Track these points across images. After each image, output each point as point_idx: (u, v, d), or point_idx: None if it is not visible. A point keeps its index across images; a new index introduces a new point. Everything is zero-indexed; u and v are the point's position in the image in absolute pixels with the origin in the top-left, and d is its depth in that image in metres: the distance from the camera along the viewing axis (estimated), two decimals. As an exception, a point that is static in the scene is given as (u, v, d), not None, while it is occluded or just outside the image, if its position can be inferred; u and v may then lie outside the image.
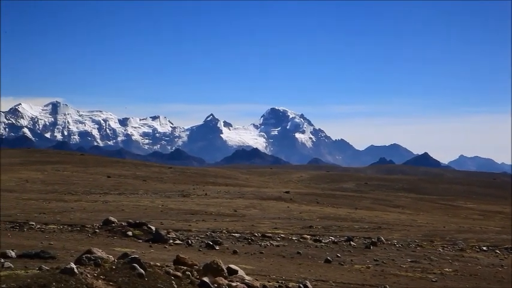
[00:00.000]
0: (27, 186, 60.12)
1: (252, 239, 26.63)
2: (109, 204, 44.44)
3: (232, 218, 38.69)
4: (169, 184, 69.77)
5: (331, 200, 60.34)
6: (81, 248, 18.20)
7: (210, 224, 33.74)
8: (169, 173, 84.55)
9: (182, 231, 28.01)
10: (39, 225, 27.12)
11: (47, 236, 23.36)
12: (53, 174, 72.36)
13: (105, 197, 51.54)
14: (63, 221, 29.99)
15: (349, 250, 24.70)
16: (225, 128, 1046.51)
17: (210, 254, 20.10)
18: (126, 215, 36.01)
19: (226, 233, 28.99)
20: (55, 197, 49.85)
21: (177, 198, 53.20)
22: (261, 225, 34.99)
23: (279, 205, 50.74)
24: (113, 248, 19.65)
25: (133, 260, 11.28)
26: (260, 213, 43.54)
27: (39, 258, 15.16)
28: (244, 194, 60.19)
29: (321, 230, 33.71)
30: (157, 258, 16.36)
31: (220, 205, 47.42)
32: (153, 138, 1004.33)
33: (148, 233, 24.21)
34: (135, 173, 79.04)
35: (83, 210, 39.03)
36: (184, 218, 37.26)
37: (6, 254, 15.33)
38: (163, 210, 41.81)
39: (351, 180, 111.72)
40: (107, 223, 26.01)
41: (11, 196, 48.88)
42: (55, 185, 62.09)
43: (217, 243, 23.49)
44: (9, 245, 18.59)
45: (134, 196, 54.13)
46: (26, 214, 33.84)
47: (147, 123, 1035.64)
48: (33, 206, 40.95)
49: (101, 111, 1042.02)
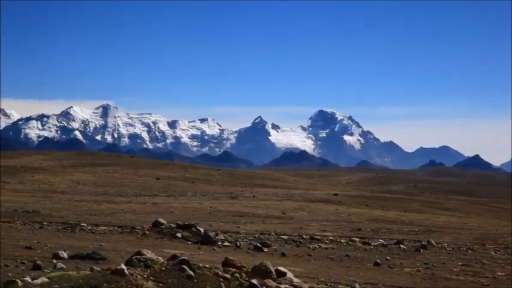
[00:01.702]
0: (78, 188, 61.07)
1: (300, 241, 26.56)
2: (158, 206, 44.84)
3: (280, 220, 38.66)
4: (218, 186, 70.05)
5: (380, 203, 59.81)
6: (131, 249, 18.39)
7: (259, 226, 33.77)
8: (218, 175, 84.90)
9: (231, 233, 28.09)
10: (90, 226, 27.49)
11: (98, 237, 23.67)
12: (103, 176, 73.34)
13: (154, 199, 52.01)
14: (113, 223, 30.34)
15: (398, 253, 24.46)
16: (273, 130, 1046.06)
17: (258, 256, 20.11)
18: (175, 216, 36.28)
19: (275, 235, 28.96)
20: (105, 199, 50.49)
21: (226, 200, 53.39)
22: (309, 227, 34.88)
23: (327, 207, 50.51)
24: (162, 249, 19.82)
25: (183, 262, 11.34)
26: (308, 215, 43.41)
27: (90, 259, 15.36)
28: (292, 196, 60.08)
29: (370, 233, 33.45)
30: (206, 260, 16.43)
31: (268, 207, 47.43)
32: (202, 141, 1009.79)
33: (197, 234, 24.34)
34: (184, 175, 79.58)
35: (132, 212, 39.46)
36: (233, 220, 37.37)
37: (59, 254, 15.59)
38: (211, 212, 42.00)
39: (400, 182, 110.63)
40: (157, 225, 26.23)
41: (63, 198, 49.72)
42: (105, 187, 62.93)
43: (266, 245, 23.49)
44: (61, 246, 18.90)
45: (183, 198, 54.50)
46: (77, 216, 34.35)
47: (195, 126, 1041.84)
48: (84, 207, 41.56)
49: (150, 113, 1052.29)
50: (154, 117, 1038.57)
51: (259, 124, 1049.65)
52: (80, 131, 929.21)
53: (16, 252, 16.95)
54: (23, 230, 24.67)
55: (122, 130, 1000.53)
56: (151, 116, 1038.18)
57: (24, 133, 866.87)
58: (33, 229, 25.21)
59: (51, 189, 58.77)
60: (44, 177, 68.42)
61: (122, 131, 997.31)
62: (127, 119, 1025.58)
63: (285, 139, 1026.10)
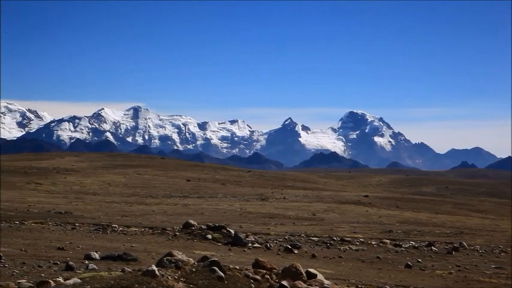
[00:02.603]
0: (110, 189, 61.56)
1: (330, 243, 26.48)
2: (189, 208, 45.02)
3: (310, 222, 38.59)
4: (248, 188, 70.15)
5: (411, 204, 59.42)
6: (162, 250, 18.49)
7: (289, 228, 33.74)
8: (248, 176, 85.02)
9: (261, 235, 28.09)
10: (121, 227, 27.68)
11: (129, 238, 23.83)
12: (134, 177, 73.84)
13: (184, 200, 52.24)
14: (144, 224, 30.53)
15: (430, 255, 24.26)
16: (303, 131, 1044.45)
17: (288, 258, 20.09)
18: (206, 218, 36.40)
19: (305, 236, 28.90)
20: (136, 200, 50.84)
21: (256, 202, 53.44)
22: (339, 229, 34.77)
23: (357, 209, 50.31)
24: (192, 250, 19.89)
25: (213, 263, 11.38)
26: (339, 217, 43.28)
27: (121, 260, 15.48)
28: (322, 197, 59.95)
29: (401, 235, 33.22)
30: (237, 262, 16.46)
31: (298, 209, 47.37)
32: (232, 142, 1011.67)
33: (227, 236, 24.38)
34: (214, 177, 79.82)
35: (163, 213, 39.67)
36: (263, 221, 37.39)
37: (91, 255, 15.72)
38: (242, 213, 42.07)
39: (432, 184, 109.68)
40: (187, 226, 26.34)
41: (95, 199, 50.16)
42: (136, 188, 63.36)
43: (296, 246, 23.46)
44: (93, 247, 19.07)
45: (213, 199, 54.66)
46: (109, 217, 34.63)
47: (225, 127, 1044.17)
48: (115, 208, 41.88)
49: (180, 115, 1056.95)
50: (185, 118, 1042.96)
51: (290, 125, 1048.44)
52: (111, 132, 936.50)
53: (49, 253, 17.14)
54: (55, 231, 24.93)
55: (153, 132, 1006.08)
56: (182, 118, 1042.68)
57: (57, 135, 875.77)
58: (65, 230, 25.46)
59: (83, 190, 59.33)
60: (76, 178, 69.11)
61: (153, 133, 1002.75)
62: (158, 121, 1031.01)
63: (315, 140, 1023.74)
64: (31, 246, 18.51)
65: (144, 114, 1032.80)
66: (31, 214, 32.84)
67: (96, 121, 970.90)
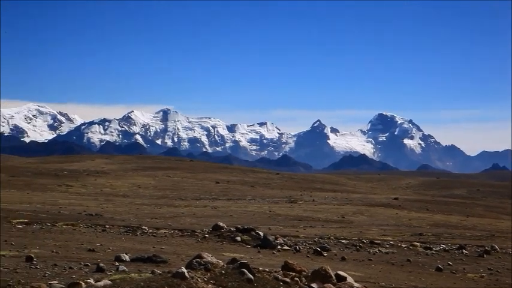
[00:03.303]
0: (139, 191, 61.95)
1: (360, 245, 26.34)
2: (218, 210, 45.12)
3: (340, 224, 38.46)
4: (277, 190, 70.12)
5: (442, 207, 58.92)
6: (191, 252, 18.54)
7: (318, 230, 33.65)
8: (277, 179, 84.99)
9: (290, 237, 28.04)
10: (151, 229, 27.80)
11: (159, 240, 23.93)
12: (164, 180, 74.21)
13: (214, 203, 52.36)
14: (174, 226, 30.65)
15: (461, 258, 24.03)
16: (332, 133, 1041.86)
17: (318, 260, 20.03)
18: (235, 220, 36.45)
19: (334, 239, 28.79)
20: (166, 202, 51.07)
21: (285, 204, 53.39)
22: (369, 231, 34.59)
23: (387, 212, 50.03)
24: (222, 253, 19.91)
25: (243, 265, 11.38)
26: (368, 219, 43.07)
27: (151, 262, 15.54)
28: (352, 200, 59.72)
29: (431, 238, 32.96)
30: (266, 264, 16.44)
31: (327, 211, 47.24)
32: (261, 145, 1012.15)
33: (256, 238, 24.38)
34: (243, 179, 79.92)
35: (192, 215, 39.80)
36: (292, 223, 37.34)
37: (121, 257, 15.81)
38: (270, 215, 42.05)
39: (462, 186, 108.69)
40: (216, 228, 26.38)
41: (125, 201, 50.49)
42: (166, 190, 63.67)
43: (325, 249, 23.38)
44: (123, 248, 19.18)
45: (242, 202, 54.72)
46: (138, 219, 34.83)
47: (254, 130, 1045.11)
48: (145, 210, 42.11)
49: (209, 117, 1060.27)
50: (214, 121, 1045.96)
51: (318, 128, 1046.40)
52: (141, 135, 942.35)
53: (80, 254, 17.28)
54: (86, 232, 25.13)
55: (182, 134, 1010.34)
56: (211, 120, 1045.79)
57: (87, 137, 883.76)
58: (96, 232, 25.64)
59: (113, 192, 59.78)
60: (106, 180, 69.65)
61: (182, 135, 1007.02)
62: (187, 123, 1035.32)
63: (344, 143, 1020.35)
64: (62, 247, 18.67)
65: (174, 117, 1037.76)
66: (62, 216, 33.14)
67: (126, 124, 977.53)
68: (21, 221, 28.02)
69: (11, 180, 64.72)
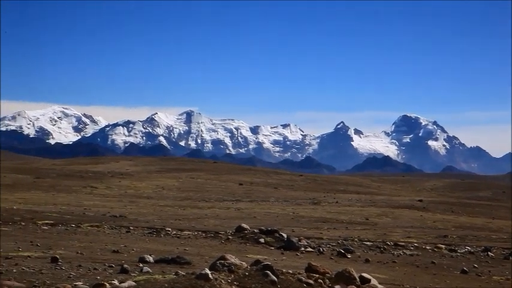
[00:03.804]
0: (163, 193, 62.19)
1: (384, 247, 26.22)
2: (241, 211, 45.15)
3: (363, 226, 38.30)
4: (300, 192, 70.03)
5: (467, 209, 58.47)
6: (215, 254, 18.57)
7: (342, 232, 33.55)
8: (300, 180, 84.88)
9: (313, 239, 27.99)
10: (175, 231, 27.89)
11: (183, 241, 24.00)
12: (187, 181, 74.42)
13: (237, 204, 52.41)
14: (197, 228, 30.72)
15: (486, 261, 23.83)
16: (355, 135, 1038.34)
17: (341, 262, 19.97)
18: (258, 222, 36.44)
19: (358, 241, 28.69)
20: (190, 204, 51.20)
21: (308, 206, 53.30)
22: (393, 233, 34.42)
23: (411, 214, 49.75)
24: (245, 254, 19.92)
25: (266, 267, 11.38)
26: (392, 221, 42.86)
27: (175, 264, 15.60)
28: (375, 202, 59.45)
29: (456, 240, 32.71)
30: (289, 266, 16.42)
31: (351, 213, 47.08)
32: (284, 146, 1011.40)
33: (280, 240, 24.36)
34: (267, 181, 79.90)
35: (216, 217, 39.86)
36: (315, 225, 37.26)
37: (145, 258, 15.89)
38: (294, 217, 41.99)
39: (488, 188, 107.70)
40: (240, 230, 26.40)
41: (149, 203, 50.71)
42: (189, 192, 63.85)
43: (349, 251, 23.30)
44: (147, 250, 19.27)
45: (265, 203, 54.71)
46: (162, 220, 34.96)
47: (277, 131, 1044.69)
48: (169, 212, 42.26)
49: (232, 119, 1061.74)
50: (237, 123, 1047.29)
51: (342, 129, 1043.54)
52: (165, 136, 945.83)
53: (104, 255, 17.38)
54: (110, 234, 25.27)
55: (205, 136, 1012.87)
56: (234, 122, 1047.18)
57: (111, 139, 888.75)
58: (120, 233, 25.78)
59: (137, 194, 60.07)
60: (130, 182, 70.00)
61: (205, 137, 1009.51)
62: (210, 125, 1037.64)
63: (368, 144, 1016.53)
64: (87, 249, 18.80)
65: (197, 119, 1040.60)
66: (87, 217, 33.37)
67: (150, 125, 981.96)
68: (47, 222, 28.25)
69: (36, 182, 65.30)
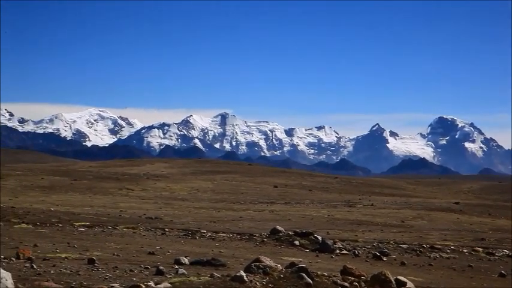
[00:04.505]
0: (198, 195, 62.44)
1: (420, 250, 25.98)
2: (276, 214, 45.12)
3: (399, 229, 38.01)
4: (335, 194, 69.77)
5: (505, 212, 57.66)
6: (249, 256, 18.57)
7: (377, 235, 33.33)
8: (335, 182, 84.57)
9: (348, 242, 27.85)
10: (210, 233, 27.96)
11: (218, 243, 24.06)
12: (222, 183, 74.61)
13: (272, 207, 52.39)
14: (232, 230, 30.77)
15: (525, 264, 23.47)
16: (391, 137, 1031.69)
17: (377, 265, 19.85)
18: (293, 224, 36.38)
19: (394, 243, 28.46)
20: (224, 206, 51.33)
21: (343, 208, 53.08)
22: (429, 236, 34.10)
23: (448, 216, 49.24)
24: (280, 257, 19.90)
25: (301, 270, 11.36)
26: (428, 224, 42.47)
27: (210, 266, 15.63)
28: (411, 204, 58.98)
29: (493, 243, 32.27)
30: (324, 268, 16.36)
31: (387, 215, 46.77)
32: (319, 148, 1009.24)
33: (314, 242, 24.29)
34: (301, 183, 79.76)
35: (251, 219, 39.89)
36: (351, 228, 37.07)
37: (180, 260, 15.95)
38: (329, 220, 41.85)
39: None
40: (274, 232, 26.38)
41: (184, 205, 50.96)
42: (224, 194, 64.01)
43: (385, 254, 23.14)
44: (182, 252, 19.35)
45: (300, 206, 54.62)
46: (197, 222, 35.09)
47: (312, 133, 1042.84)
48: (204, 214, 42.41)
49: (267, 121, 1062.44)
50: (272, 125, 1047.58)
51: (377, 131, 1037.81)
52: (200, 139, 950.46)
53: (140, 257, 17.49)
54: (146, 236, 25.44)
55: (240, 138, 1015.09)
56: (269, 124, 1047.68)
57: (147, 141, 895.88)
58: (155, 235, 25.93)
59: (172, 196, 60.41)
60: (166, 184, 70.43)
61: (240, 139, 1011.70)
62: (245, 127, 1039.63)
63: (403, 146, 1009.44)
64: (123, 250, 18.94)
65: (232, 121, 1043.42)
66: (123, 219, 33.64)
67: (185, 128, 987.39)
68: (83, 224, 28.56)
69: (73, 184, 66.06)
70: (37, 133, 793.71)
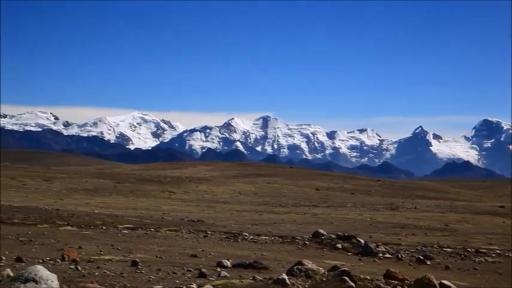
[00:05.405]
0: (240, 198, 62.58)
1: (465, 254, 25.63)
2: (318, 217, 44.98)
3: (443, 232, 37.56)
4: (377, 197, 69.30)
5: (551, 216, 56.58)
6: (291, 259, 18.55)
7: (420, 238, 32.99)
8: (377, 186, 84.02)
9: (391, 245, 27.61)
10: (252, 236, 27.97)
11: (259, 246, 24.07)
12: (264, 186, 74.67)
13: (314, 210, 52.25)
14: (274, 233, 30.75)
15: None
16: (434, 140, 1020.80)
17: (421, 269, 19.64)
18: (335, 227, 36.22)
19: (438, 247, 28.12)
20: (266, 209, 51.34)
21: (386, 212, 52.68)
22: (474, 240, 33.62)
23: (493, 220, 48.51)
24: (322, 260, 19.83)
25: (344, 273, 11.30)
26: (473, 227, 41.88)
27: (252, 268, 15.65)
28: (455, 207, 58.28)
29: (540, 247, 31.68)
30: (367, 272, 16.24)
31: (430, 219, 46.27)
32: (361, 151, 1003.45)
33: (357, 245, 24.15)
34: (343, 186, 79.41)
35: (293, 222, 39.82)
36: (393, 231, 36.76)
37: (222, 263, 16.00)
38: (371, 223, 41.56)
39: None
40: (317, 235, 26.30)
41: (226, 207, 51.11)
42: (266, 197, 64.03)
43: (428, 257, 22.88)
44: (224, 254, 19.41)
45: (342, 209, 54.37)
46: (239, 225, 35.14)
47: (354, 136, 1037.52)
48: (246, 217, 42.46)
49: (309, 124, 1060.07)
50: (313, 128, 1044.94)
51: (420, 134, 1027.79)
52: (241, 142, 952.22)
53: (182, 259, 17.59)
54: (188, 238, 25.57)
55: (282, 141, 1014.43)
56: (310, 127, 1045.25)
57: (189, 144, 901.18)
58: (198, 238, 26.04)
59: (214, 199, 60.64)
60: (208, 187, 70.75)
61: (282, 142, 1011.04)
62: (286, 130, 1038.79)
63: (447, 149, 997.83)
64: (166, 253, 19.07)
65: (273, 124, 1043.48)
66: (165, 222, 33.87)
67: (227, 131, 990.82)
68: (127, 227, 28.83)
69: (116, 187, 66.77)
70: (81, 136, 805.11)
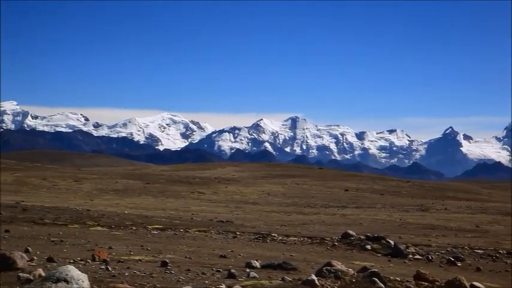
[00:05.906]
0: (269, 198, 62.56)
1: (496, 256, 25.35)
2: (347, 218, 44.81)
3: (474, 234, 37.19)
4: (407, 198, 68.84)
5: None
6: (320, 260, 18.49)
7: (451, 240, 32.70)
8: (407, 186, 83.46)
9: (421, 246, 27.40)
10: (280, 237, 27.96)
11: (288, 247, 24.05)
12: (292, 187, 74.58)
13: (343, 210, 52.07)
14: (303, 233, 30.69)
15: None
16: (465, 141, 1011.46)
17: (451, 271, 19.48)
18: (364, 228, 36.04)
19: (468, 249, 27.86)
20: (295, 210, 51.27)
21: (416, 213, 52.31)
22: (505, 241, 33.22)
23: (525, 221, 47.90)
24: (351, 261, 19.75)
25: (373, 274, 11.24)
26: (505, 229, 41.39)
27: (281, 269, 15.63)
28: (486, 209, 57.66)
29: None
30: (397, 273, 16.14)
31: (461, 220, 45.86)
32: (390, 152, 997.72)
33: (386, 247, 24.03)
34: (372, 187, 79.01)
35: (321, 223, 39.72)
36: (423, 232, 36.48)
37: (251, 264, 16.00)
38: (401, 224, 41.30)
39: None
40: (346, 236, 26.22)
41: (255, 208, 51.13)
42: (295, 198, 63.93)
43: (459, 259, 22.68)
44: (253, 255, 19.42)
45: (372, 210, 54.09)
46: (268, 226, 35.14)
47: (383, 137, 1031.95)
48: (274, 218, 42.44)
49: (338, 125, 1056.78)
50: (342, 128, 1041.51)
51: (450, 135, 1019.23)
52: (270, 142, 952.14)
53: (211, 260, 17.63)
54: (217, 239, 25.63)
55: (311, 142, 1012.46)
56: (339, 128, 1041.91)
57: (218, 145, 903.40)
58: (227, 238, 26.09)
59: (243, 199, 60.70)
60: (236, 188, 70.85)
61: (311, 143, 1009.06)
62: (315, 131, 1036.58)
63: (477, 150, 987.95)
64: (195, 253, 19.13)
65: (302, 125, 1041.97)
66: (194, 222, 33.98)
67: (255, 132, 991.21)
68: (156, 227, 28.98)
69: (146, 187, 67.16)
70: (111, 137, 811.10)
